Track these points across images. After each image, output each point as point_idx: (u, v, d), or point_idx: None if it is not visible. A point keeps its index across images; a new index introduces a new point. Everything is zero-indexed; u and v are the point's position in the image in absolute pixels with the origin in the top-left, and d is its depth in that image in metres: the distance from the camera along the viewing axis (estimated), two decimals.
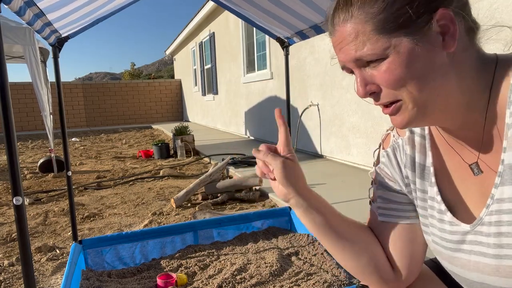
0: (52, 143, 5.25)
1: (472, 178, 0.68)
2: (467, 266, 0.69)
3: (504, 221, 0.60)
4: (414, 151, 0.76)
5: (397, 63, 0.60)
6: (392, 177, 0.81)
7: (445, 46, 0.60)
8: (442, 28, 0.59)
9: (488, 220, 0.63)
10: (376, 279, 0.81)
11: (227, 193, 3.59)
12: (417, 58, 0.60)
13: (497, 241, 0.62)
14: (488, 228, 0.63)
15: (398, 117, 0.65)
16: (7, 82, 1.16)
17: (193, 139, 6.63)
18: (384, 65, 0.61)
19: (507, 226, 0.60)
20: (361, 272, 0.82)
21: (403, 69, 0.60)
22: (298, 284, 1.85)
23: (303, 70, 5.74)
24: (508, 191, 0.59)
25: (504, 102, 0.60)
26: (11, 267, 2.35)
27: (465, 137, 0.67)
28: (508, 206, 0.59)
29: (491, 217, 0.62)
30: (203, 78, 12.07)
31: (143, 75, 43.02)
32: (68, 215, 3.37)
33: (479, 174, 0.66)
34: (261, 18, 2.32)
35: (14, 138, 1.19)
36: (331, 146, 5.15)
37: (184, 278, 1.93)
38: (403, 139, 0.78)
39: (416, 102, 0.62)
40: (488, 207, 0.63)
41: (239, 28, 8.19)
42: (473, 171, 0.66)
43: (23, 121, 13.73)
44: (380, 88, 0.64)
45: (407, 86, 0.61)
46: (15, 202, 1.20)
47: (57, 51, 2.06)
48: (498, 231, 0.61)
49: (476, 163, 0.66)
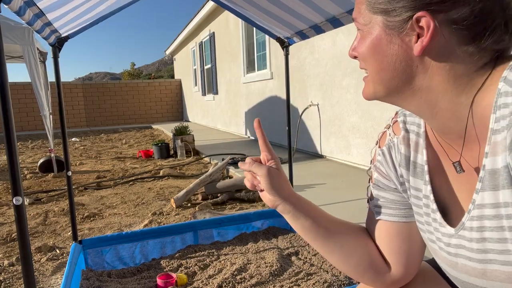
0: (52, 143, 5.25)
1: (460, 177, 0.67)
2: (456, 268, 0.69)
3: (487, 227, 0.60)
4: (409, 149, 0.76)
5: (366, 39, 0.67)
6: (388, 175, 0.81)
7: (414, 48, 0.61)
8: (420, 29, 0.59)
9: (469, 225, 0.63)
10: (371, 277, 0.82)
11: (227, 193, 3.59)
12: (380, 45, 0.65)
13: (481, 246, 0.62)
14: (470, 233, 0.63)
15: (364, 87, 0.72)
16: (7, 82, 1.16)
17: (193, 139, 6.63)
18: (361, 37, 0.69)
19: (490, 232, 0.59)
20: (353, 271, 0.82)
21: (367, 48, 0.67)
22: (298, 284, 1.85)
23: (303, 70, 5.73)
24: (488, 197, 0.58)
25: (488, 106, 0.58)
26: (11, 267, 2.35)
27: (448, 134, 0.67)
28: (490, 212, 0.58)
29: (472, 223, 0.62)
30: (203, 78, 12.07)
31: (143, 75, 43.02)
32: (68, 215, 3.37)
33: (461, 172, 0.66)
34: (261, 18, 2.32)
35: (14, 138, 1.19)
36: (331, 146, 5.15)
37: (184, 278, 1.93)
38: (398, 138, 0.78)
39: (374, 79, 0.68)
40: (469, 212, 0.62)
41: (239, 28, 8.19)
42: (456, 169, 0.67)
43: (23, 121, 13.73)
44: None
45: (368, 63, 0.68)
46: (15, 202, 1.20)
47: (57, 51, 2.06)
48: (481, 237, 0.61)
49: (459, 162, 0.66)
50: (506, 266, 0.59)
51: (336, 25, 1.98)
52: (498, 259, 0.60)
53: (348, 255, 0.81)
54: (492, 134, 0.57)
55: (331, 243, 0.81)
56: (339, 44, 4.76)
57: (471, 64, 0.60)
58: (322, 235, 0.81)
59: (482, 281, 0.64)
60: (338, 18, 1.93)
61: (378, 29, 0.65)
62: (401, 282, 0.82)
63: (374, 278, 0.82)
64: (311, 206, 0.83)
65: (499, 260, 0.60)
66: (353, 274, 0.83)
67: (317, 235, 0.81)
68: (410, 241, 0.81)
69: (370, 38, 0.66)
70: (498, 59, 0.61)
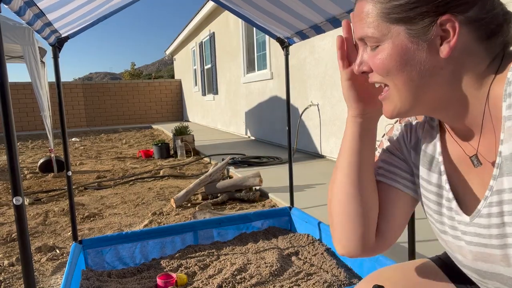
0: (52, 143, 5.25)
1: (473, 170, 0.69)
2: (471, 256, 0.69)
3: (506, 211, 0.61)
4: (425, 139, 0.77)
5: (388, 53, 0.64)
6: (400, 148, 0.82)
7: (441, 52, 0.61)
8: (445, 33, 0.61)
9: (486, 212, 0.64)
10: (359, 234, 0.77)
11: (227, 193, 3.59)
12: (408, 55, 0.63)
13: (501, 231, 0.62)
14: (488, 220, 0.64)
15: (386, 106, 0.69)
16: (7, 82, 1.16)
17: (193, 139, 6.63)
18: (378, 51, 0.65)
19: (509, 216, 0.61)
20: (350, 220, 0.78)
21: (392, 61, 0.64)
22: (298, 284, 1.85)
23: (303, 70, 5.73)
24: (507, 181, 0.60)
25: (499, 96, 0.61)
26: (11, 267, 2.35)
27: (463, 130, 0.68)
28: (509, 197, 0.60)
29: (491, 209, 0.63)
30: (203, 78, 12.07)
31: (143, 75, 43.03)
32: (68, 215, 3.37)
33: (479, 166, 0.66)
34: (261, 18, 2.32)
35: (14, 138, 1.19)
36: (331, 146, 5.15)
37: (184, 278, 1.93)
38: (419, 123, 0.80)
39: (400, 94, 0.66)
40: (486, 199, 0.64)
41: (239, 28, 8.19)
42: (473, 163, 0.67)
43: (23, 121, 13.73)
44: (371, 70, 0.68)
45: (393, 77, 0.65)
46: (15, 202, 1.20)
47: (57, 51, 2.06)
48: (502, 222, 0.62)
49: (476, 155, 0.67)
50: None
51: (336, 25, 1.98)
52: None
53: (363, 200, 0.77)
54: (506, 121, 0.59)
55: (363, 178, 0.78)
56: None
57: (487, 58, 0.63)
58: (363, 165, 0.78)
59: (502, 268, 0.65)
60: (338, 18, 1.93)
61: (401, 38, 0.63)
62: (381, 249, 0.80)
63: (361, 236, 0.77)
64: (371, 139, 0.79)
65: None
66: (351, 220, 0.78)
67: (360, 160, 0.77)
68: (398, 210, 0.80)
69: (394, 49, 0.63)
70: (505, 50, 0.64)
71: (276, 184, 3.84)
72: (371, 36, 0.65)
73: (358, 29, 0.68)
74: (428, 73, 0.63)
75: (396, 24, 0.62)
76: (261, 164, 5.04)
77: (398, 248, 2.22)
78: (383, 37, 0.64)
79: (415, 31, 0.61)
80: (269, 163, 5.11)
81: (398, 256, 2.08)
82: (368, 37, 0.66)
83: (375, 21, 0.64)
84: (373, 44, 0.66)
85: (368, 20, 0.65)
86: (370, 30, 0.65)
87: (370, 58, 0.67)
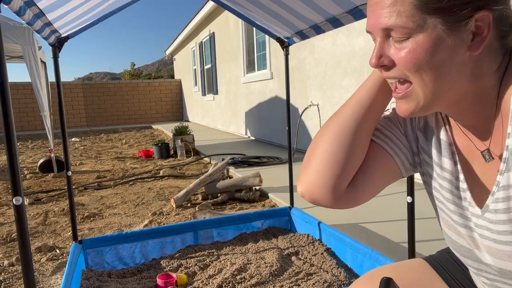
0: (52, 143, 5.25)
1: (480, 164, 0.68)
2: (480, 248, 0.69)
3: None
4: (438, 126, 0.75)
5: (423, 46, 0.59)
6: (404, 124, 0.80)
7: (470, 47, 0.59)
8: (476, 29, 0.59)
9: (494, 207, 0.63)
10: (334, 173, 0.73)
11: (227, 193, 3.59)
12: (443, 49, 0.59)
13: (509, 228, 0.61)
14: (495, 215, 0.63)
15: (406, 104, 0.65)
16: (7, 82, 1.16)
17: (193, 139, 6.63)
18: (410, 43, 0.59)
19: None
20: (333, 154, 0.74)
21: (427, 55, 0.59)
22: (298, 284, 1.85)
23: (303, 70, 5.73)
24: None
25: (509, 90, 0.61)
26: (11, 267, 2.35)
27: (474, 124, 0.67)
28: None
29: (497, 205, 0.62)
30: (203, 78, 12.07)
31: (143, 75, 43.01)
32: (68, 215, 3.36)
33: (490, 161, 0.65)
34: (261, 18, 2.32)
35: (14, 138, 1.19)
36: None
37: (184, 278, 1.93)
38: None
39: (425, 91, 0.62)
40: (493, 194, 0.62)
41: (239, 28, 8.19)
42: (485, 157, 0.66)
43: (23, 121, 13.73)
44: (393, 64, 0.63)
45: (423, 73, 0.60)
46: (15, 202, 1.20)
47: (57, 51, 2.06)
48: (509, 218, 0.60)
49: (488, 150, 0.65)
50: None
51: (336, 25, 1.98)
52: None
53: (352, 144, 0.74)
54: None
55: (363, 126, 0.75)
56: (339, 44, 4.76)
57: (501, 55, 0.62)
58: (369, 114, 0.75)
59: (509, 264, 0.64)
60: (338, 18, 1.93)
61: (438, 31, 0.58)
62: (345, 202, 0.76)
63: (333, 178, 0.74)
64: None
65: None
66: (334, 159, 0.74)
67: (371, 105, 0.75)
68: (378, 171, 0.77)
69: (431, 42, 0.58)
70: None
71: (276, 184, 3.84)
72: (404, 26, 0.59)
73: (382, 18, 0.60)
74: (456, 69, 0.60)
75: (433, 15, 0.57)
76: (261, 164, 5.04)
77: (398, 248, 2.22)
78: (418, 28, 0.58)
79: (452, 25, 0.58)
80: (269, 163, 5.11)
81: (398, 256, 2.08)
82: (399, 27, 0.59)
83: (410, 10, 0.58)
84: (402, 36, 0.60)
85: (399, 8, 0.58)
86: (402, 20, 0.58)
87: (397, 51, 0.61)
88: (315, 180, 0.75)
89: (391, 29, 0.60)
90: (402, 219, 2.76)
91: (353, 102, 0.76)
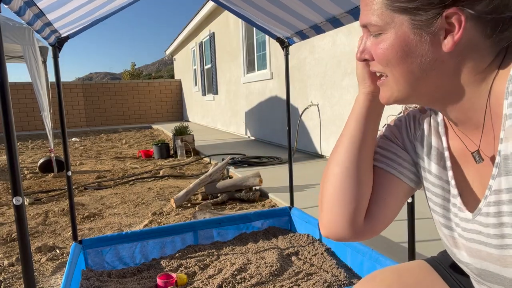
0: (52, 143, 5.25)
1: (475, 167, 0.68)
2: (470, 253, 0.69)
3: (505, 212, 0.60)
4: (430, 131, 0.76)
5: (390, 43, 0.63)
6: (400, 137, 0.81)
7: (444, 45, 0.60)
8: (449, 26, 0.59)
9: (486, 211, 0.63)
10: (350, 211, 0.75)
11: (227, 193, 3.59)
12: (409, 46, 0.62)
13: (498, 232, 0.62)
14: (486, 219, 0.63)
15: (383, 92, 0.70)
16: (7, 82, 1.16)
17: (193, 139, 6.63)
18: (379, 39, 0.65)
19: (508, 217, 0.60)
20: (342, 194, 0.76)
21: (393, 51, 0.63)
22: (298, 284, 1.85)
23: (303, 70, 5.73)
24: (505, 181, 0.59)
25: (501, 93, 0.60)
26: (11, 267, 2.35)
27: (465, 124, 0.67)
28: (507, 197, 0.59)
29: (489, 208, 0.63)
30: (203, 78, 12.07)
31: (143, 75, 43.02)
32: (68, 215, 3.37)
33: (480, 162, 0.66)
34: (261, 18, 2.32)
35: (14, 138, 1.19)
36: (331, 146, 5.15)
37: (184, 278, 1.93)
38: (422, 115, 0.79)
39: (397, 84, 0.66)
40: (486, 198, 0.63)
41: (239, 28, 8.19)
42: (475, 159, 0.67)
43: (23, 121, 13.73)
44: (373, 58, 0.68)
45: (392, 68, 0.65)
46: (15, 202, 1.20)
47: (57, 51, 2.06)
48: (499, 222, 0.61)
49: (478, 151, 0.66)
50: None
51: (336, 25, 1.98)
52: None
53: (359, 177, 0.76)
54: (506, 120, 0.58)
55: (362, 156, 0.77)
56: (339, 44, 4.76)
57: (491, 54, 0.62)
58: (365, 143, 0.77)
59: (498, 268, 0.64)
60: (338, 18, 1.93)
61: (404, 29, 0.62)
62: (367, 234, 0.78)
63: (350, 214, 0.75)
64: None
65: None
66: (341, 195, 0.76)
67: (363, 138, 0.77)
68: (390, 197, 0.78)
69: (397, 39, 0.62)
70: (509, 48, 0.63)
71: (276, 184, 3.84)
72: (374, 24, 0.64)
73: (363, 15, 0.67)
74: (429, 66, 0.62)
75: (400, 13, 0.61)
76: (261, 164, 5.04)
77: (398, 248, 2.22)
78: (386, 26, 0.63)
79: (419, 23, 0.60)
80: (269, 163, 5.11)
81: (398, 256, 2.08)
82: (371, 25, 0.65)
83: (380, 9, 0.63)
84: (376, 32, 0.65)
85: (373, 7, 0.64)
86: (374, 18, 0.64)
87: (372, 46, 0.66)
88: (332, 221, 0.78)
89: (366, 26, 0.66)
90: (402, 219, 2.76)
91: (346, 139, 0.79)
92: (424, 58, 0.62)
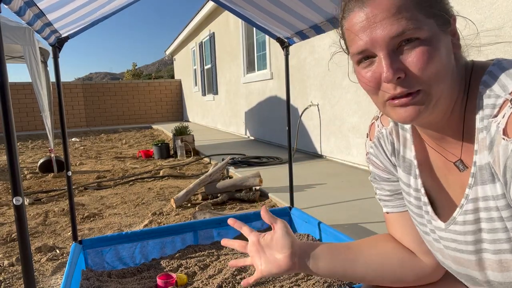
0: (52, 143, 5.25)
1: (450, 176, 0.69)
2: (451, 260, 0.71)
3: (483, 218, 0.63)
4: (399, 143, 0.77)
5: (435, 47, 0.57)
6: (382, 166, 0.82)
7: (454, 46, 0.62)
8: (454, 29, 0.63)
9: (462, 219, 0.65)
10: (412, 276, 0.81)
11: (227, 193, 3.59)
12: (445, 51, 0.59)
13: (476, 237, 0.64)
14: (463, 227, 0.65)
15: (411, 108, 0.59)
16: (7, 82, 1.16)
17: (193, 139, 6.63)
18: (422, 46, 0.57)
19: (486, 223, 0.62)
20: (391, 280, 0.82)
21: (438, 56, 0.57)
22: (298, 284, 1.85)
23: (303, 70, 5.74)
24: (481, 190, 0.61)
25: (473, 107, 0.62)
26: (11, 267, 2.35)
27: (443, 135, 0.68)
28: (484, 205, 0.62)
29: (466, 216, 0.65)
30: (203, 78, 12.07)
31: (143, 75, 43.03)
32: (68, 215, 3.36)
33: (465, 170, 0.67)
34: (261, 18, 2.32)
35: (14, 138, 1.19)
36: (331, 146, 5.15)
37: (184, 278, 1.93)
38: (387, 129, 0.79)
39: (435, 94, 0.59)
40: (462, 207, 0.65)
41: (239, 28, 8.19)
42: (459, 168, 0.67)
43: (23, 121, 13.72)
44: (405, 74, 0.58)
45: (434, 76, 0.58)
46: (15, 202, 1.20)
47: (57, 51, 2.06)
48: (477, 228, 0.64)
49: (461, 160, 0.67)
50: (497, 255, 0.62)
51: (336, 25, 1.98)
52: (490, 248, 0.63)
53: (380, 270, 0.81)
54: (479, 133, 0.60)
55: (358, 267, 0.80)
56: None
57: (462, 66, 0.65)
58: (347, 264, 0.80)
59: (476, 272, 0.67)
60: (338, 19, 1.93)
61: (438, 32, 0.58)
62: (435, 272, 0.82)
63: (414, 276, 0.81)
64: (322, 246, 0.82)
65: (491, 250, 0.63)
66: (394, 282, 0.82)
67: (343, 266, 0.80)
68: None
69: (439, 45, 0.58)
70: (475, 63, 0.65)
71: (276, 184, 3.84)
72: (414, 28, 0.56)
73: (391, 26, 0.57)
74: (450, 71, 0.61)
75: (431, 18, 0.58)
76: (261, 164, 5.04)
77: None
78: (424, 30, 0.57)
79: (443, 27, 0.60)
80: (269, 163, 5.11)
81: None
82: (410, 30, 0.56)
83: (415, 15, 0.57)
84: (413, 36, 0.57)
85: (406, 14, 0.56)
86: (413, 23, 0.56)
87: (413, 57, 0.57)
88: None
89: (402, 34, 0.57)
90: None
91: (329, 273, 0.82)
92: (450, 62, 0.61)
